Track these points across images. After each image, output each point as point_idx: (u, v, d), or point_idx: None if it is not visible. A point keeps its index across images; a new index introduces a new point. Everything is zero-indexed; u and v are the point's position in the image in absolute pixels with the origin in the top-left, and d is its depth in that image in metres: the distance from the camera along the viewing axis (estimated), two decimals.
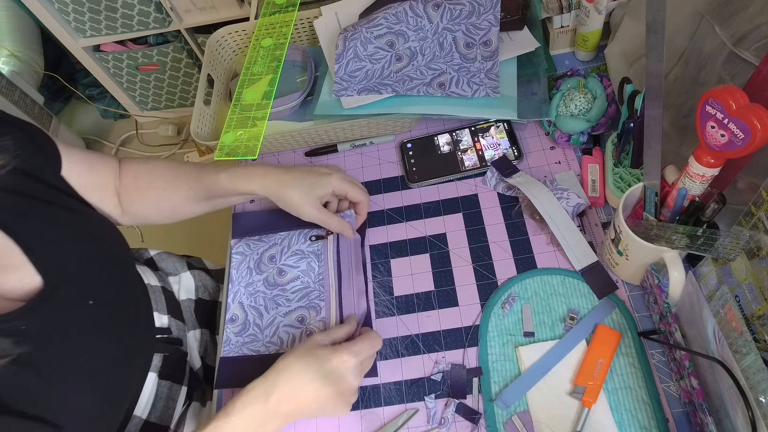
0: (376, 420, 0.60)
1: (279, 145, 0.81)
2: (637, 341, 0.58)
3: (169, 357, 0.66)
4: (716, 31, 0.52)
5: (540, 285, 0.64)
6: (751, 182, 0.54)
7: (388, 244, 0.71)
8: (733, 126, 0.43)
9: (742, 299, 0.46)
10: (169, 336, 0.68)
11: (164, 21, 1.66)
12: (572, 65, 0.80)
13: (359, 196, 0.69)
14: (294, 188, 0.65)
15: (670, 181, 0.57)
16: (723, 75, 0.52)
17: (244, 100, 0.79)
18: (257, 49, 0.84)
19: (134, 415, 0.60)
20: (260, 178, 0.66)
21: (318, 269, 0.70)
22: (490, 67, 0.73)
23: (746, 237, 0.45)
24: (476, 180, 0.74)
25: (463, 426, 0.58)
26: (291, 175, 0.66)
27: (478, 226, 0.70)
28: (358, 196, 0.69)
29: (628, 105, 0.62)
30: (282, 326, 0.67)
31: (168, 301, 0.71)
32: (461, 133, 0.77)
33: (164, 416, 0.64)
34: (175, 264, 0.77)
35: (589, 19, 0.73)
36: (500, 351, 0.61)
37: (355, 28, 0.75)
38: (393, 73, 0.76)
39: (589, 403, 0.55)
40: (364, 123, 0.76)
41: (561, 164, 0.72)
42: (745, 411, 0.43)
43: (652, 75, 0.46)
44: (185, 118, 2.08)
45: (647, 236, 0.54)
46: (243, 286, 0.71)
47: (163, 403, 0.64)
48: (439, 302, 0.66)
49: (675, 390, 0.56)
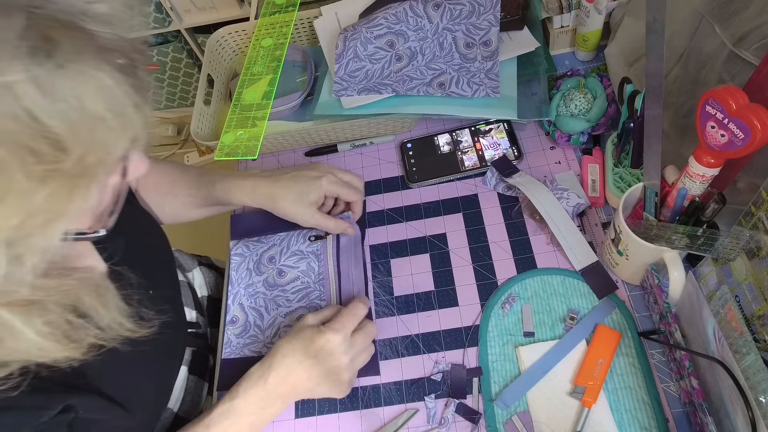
0: (376, 420, 0.60)
1: (279, 145, 0.81)
2: (637, 341, 0.58)
3: (197, 352, 0.68)
4: (716, 31, 0.52)
5: (540, 285, 0.64)
6: (751, 182, 0.54)
7: (388, 244, 0.71)
8: (733, 126, 0.43)
9: (742, 299, 0.46)
10: (197, 331, 0.70)
11: (164, 21, 1.66)
12: (572, 65, 0.80)
13: (351, 195, 0.70)
14: (285, 199, 0.67)
15: (670, 181, 0.57)
16: (723, 75, 0.52)
17: (244, 100, 0.79)
18: (257, 49, 0.84)
19: (168, 407, 0.62)
20: (250, 193, 0.67)
21: (318, 269, 0.70)
22: (490, 67, 0.73)
23: (746, 237, 0.45)
24: (476, 180, 0.74)
25: (463, 426, 0.58)
26: (280, 184, 0.67)
27: (478, 226, 0.70)
28: (351, 196, 0.70)
29: (628, 105, 0.62)
30: (283, 327, 0.67)
31: (193, 297, 0.73)
32: (461, 133, 0.77)
33: (191, 411, 0.66)
34: (187, 260, 0.79)
35: (589, 19, 0.73)
36: (500, 351, 0.61)
37: (355, 28, 0.75)
38: (393, 73, 0.76)
39: (589, 403, 0.55)
40: (364, 123, 0.76)
41: (561, 164, 0.72)
42: (745, 411, 0.43)
43: (652, 75, 0.46)
44: (185, 118, 2.08)
45: (647, 236, 0.54)
46: (243, 287, 0.71)
47: (191, 398, 0.66)
48: (439, 302, 0.66)
49: (675, 390, 0.56)
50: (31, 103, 0.27)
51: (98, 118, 0.30)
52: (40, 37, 0.28)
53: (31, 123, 0.28)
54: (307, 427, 0.61)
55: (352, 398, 0.62)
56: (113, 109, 0.31)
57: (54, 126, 0.28)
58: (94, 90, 0.30)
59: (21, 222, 0.29)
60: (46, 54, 0.28)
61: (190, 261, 0.79)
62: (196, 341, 0.69)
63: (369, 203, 0.76)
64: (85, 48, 0.30)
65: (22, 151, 0.28)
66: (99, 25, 0.31)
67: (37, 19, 0.28)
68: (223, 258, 0.88)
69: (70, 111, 0.29)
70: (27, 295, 0.33)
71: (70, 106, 0.29)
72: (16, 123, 0.27)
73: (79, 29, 0.30)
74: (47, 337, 0.36)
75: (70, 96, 0.29)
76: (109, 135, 0.31)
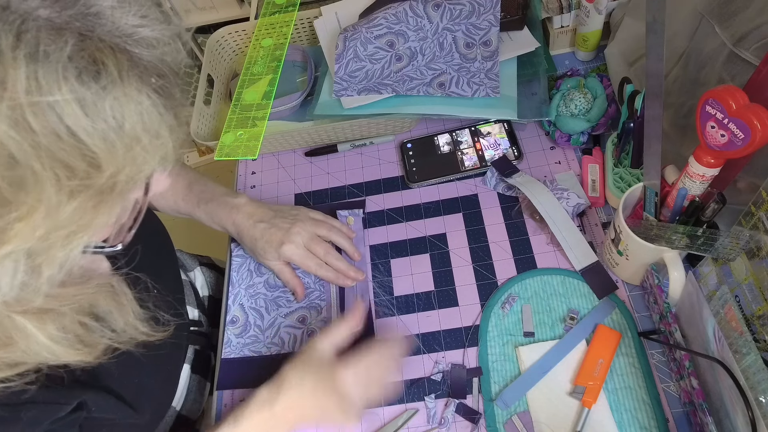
0: (376, 420, 0.60)
1: (279, 145, 0.81)
2: (637, 341, 0.58)
3: (200, 351, 0.68)
4: (716, 31, 0.52)
5: (540, 285, 0.64)
6: (751, 182, 0.54)
7: (388, 244, 0.71)
8: (733, 126, 0.43)
9: (742, 299, 0.46)
10: (200, 329, 0.70)
11: None
12: (572, 65, 0.80)
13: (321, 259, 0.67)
14: (251, 251, 0.68)
15: (670, 181, 0.57)
16: (723, 75, 0.52)
17: (244, 100, 0.79)
18: (257, 49, 0.84)
19: (171, 405, 0.62)
20: (230, 226, 0.68)
21: None
22: (490, 67, 0.73)
23: (746, 237, 0.45)
24: (476, 180, 0.74)
25: (463, 426, 0.58)
26: (249, 235, 0.66)
27: (478, 226, 0.70)
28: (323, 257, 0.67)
29: (628, 105, 0.62)
30: (283, 327, 0.67)
31: (195, 296, 0.73)
32: (461, 133, 0.77)
33: (193, 410, 0.67)
34: (188, 260, 0.79)
35: (589, 19, 0.73)
36: (500, 351, 0.61)
37: (355, 28, 0.75)
38: (393, 73, 0.76)
39: (589, 403, 0.55)
40: (364, 123, 0.76)
41: (561, 164, 0.72)
42: (745, 411, 0.43)
43: (652, 75, 0.46)
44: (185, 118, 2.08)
45: (647, 236, 0.54)
46: (243, 288, 0.71)
47: (193, 397, 0.67)
48: (439, 302, 0.66)
49: (675, 390, 0.56)
50: (74, 122, 0.28)
51: (135, 139, 0.31)
52: (88, 60, 0.29)
53: (70, 140, 0.28)
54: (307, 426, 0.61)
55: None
56: (150, 130, 0.32)
57: (92, 145, 0.29)
58: (134, 112, 0.31)
59: (46, 233, 0.30)
60: (93, 76, 0.29)
61: (191, 261, 0.79)
62: (199, 340, 0.69)
63: (369, 203, 0.75)
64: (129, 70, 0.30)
65: (58, 166, 0.28)
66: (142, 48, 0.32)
67: (87, 41, 0.29)
68: (223, 258, 0.88)
69: (110, 131, 0.30)
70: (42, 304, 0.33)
71: (109, 126, 0.30)
72: (57, 140, 0.28)
73: (125, 52, 0.31)
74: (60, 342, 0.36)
75: (110, 117, 0.29)
76: (143, 155, 0.32)
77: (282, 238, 0.65)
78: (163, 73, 0.33)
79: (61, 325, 0.36)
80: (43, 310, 0.34)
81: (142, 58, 0.32)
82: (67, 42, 0.28)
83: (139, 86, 0.31)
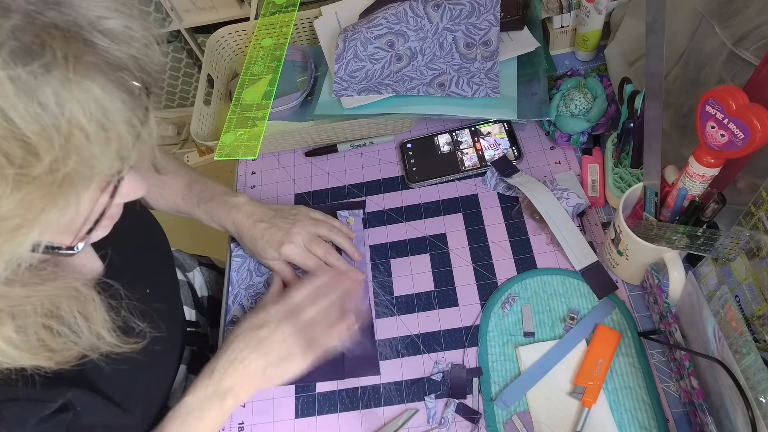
0: (376, 420, 0.60)
1: (279, 145, 0.81)
2: (637, 341, 0.58)
3: (197, 351, 0.68)
4: (716, 31, 0.52)
5: (540, 285, 0.64)
6: (751, 182, 0.54)
7: (388, 244, 0.71)
8: (733, 126, 0.43)
9: (742, 299, 0.46)
10: (197, 330, 0.70)
11: (164, 21, 1.66)
12: (572, 65, 0.80)
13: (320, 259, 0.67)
14: (250, 251, 0.68)
15: (670, 181, 0.57)
16: (723, 75, 0.52)
17: (244, 100, 0.79)
18: (257, 49, 0.84)
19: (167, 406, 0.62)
20: (230, 226, 0.68)
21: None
22: (490, 67, 0.73)
23: (746, 237, 0.45)
24: (476, 180, 0.74)
25: (463, 426, 0.58)
26: (249, 234, 0.67)
27: (478, 226, 0.70)
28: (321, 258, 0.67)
29: (628, 105, 0.62)
30: None
31: (193, 296, 0.73)
32: (461, 133, 0.77)
33: None
34: (187, 260, 0.79)
35: (589, 19, 0.73)
36: (500, 351, 0.61)
37: (355, 28, 0.75)
38: (393, 73, 0.76)
39: (589, 403, 0.55)
40: (364, 123, 0.76)
41: (561, 164, 0.72)
42: (745, 411, 0.43)
43: (652, 75, 0.46)
44: (185, 117, 2.08)
45: (647, 236, 0.54)
46: (244, 288, 0.71)
47: None
48: (439, 302, 0.66)
49: (675, 390, 0.56)
50: (5, 102, 0.27)
51: (78, 128, 0.30)
52: (33, 41, 0.28)
53: (2, 123, 0.27)
54: (307, 426, 0.61)
55: (352, 398, 0.62)
56: (96, 120, 0.30)
57: (26, 128, 0.28)
58: (79, 99, 0.29)
59: None
60: (30, 55, 0.28)
61: (190, 261, 0.79)
62: (196, 340, 0.69)
63: (369, 203, 0.75)
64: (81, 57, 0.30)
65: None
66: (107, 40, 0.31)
67: (35, 22, 0.28)
68: (223, 258, 0.88)
69: (45, 115, 0.28)
70: None
71: (46, 111, 0.28)
72: None
73: (80, 39, 0.30)
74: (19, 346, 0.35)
75: (51, 102, 0.28)
76: (89, 147, 0.30)
77: (282, 237, 0.65)
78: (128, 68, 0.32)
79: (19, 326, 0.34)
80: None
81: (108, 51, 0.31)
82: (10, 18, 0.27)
83: (91, 75, 0.30)
